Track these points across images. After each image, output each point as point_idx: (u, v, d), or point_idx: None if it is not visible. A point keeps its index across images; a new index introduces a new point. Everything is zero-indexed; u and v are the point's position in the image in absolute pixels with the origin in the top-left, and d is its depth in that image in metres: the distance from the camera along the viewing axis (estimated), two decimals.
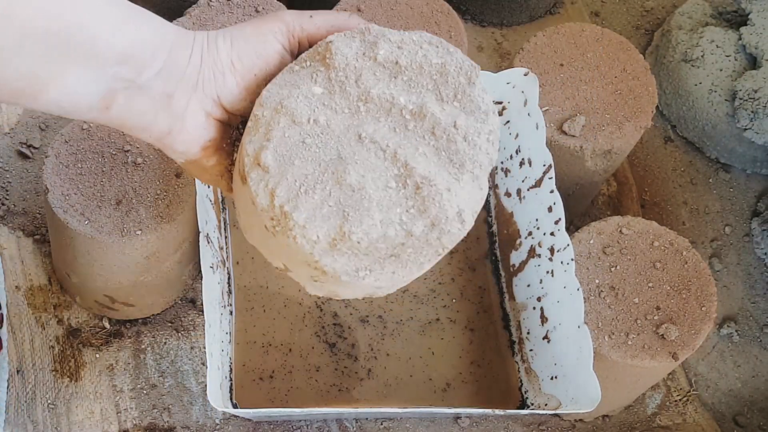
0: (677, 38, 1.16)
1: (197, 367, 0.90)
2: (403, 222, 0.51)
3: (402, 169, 0.52)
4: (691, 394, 0.99)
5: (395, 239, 0.51)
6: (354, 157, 0.52)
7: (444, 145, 0.52)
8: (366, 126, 0.52)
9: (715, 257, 1.09)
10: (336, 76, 0.53)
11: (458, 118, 0.53)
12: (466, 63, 0.54)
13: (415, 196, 0.51)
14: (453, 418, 0.91)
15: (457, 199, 0.52)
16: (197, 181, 0.79)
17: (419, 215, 0.51)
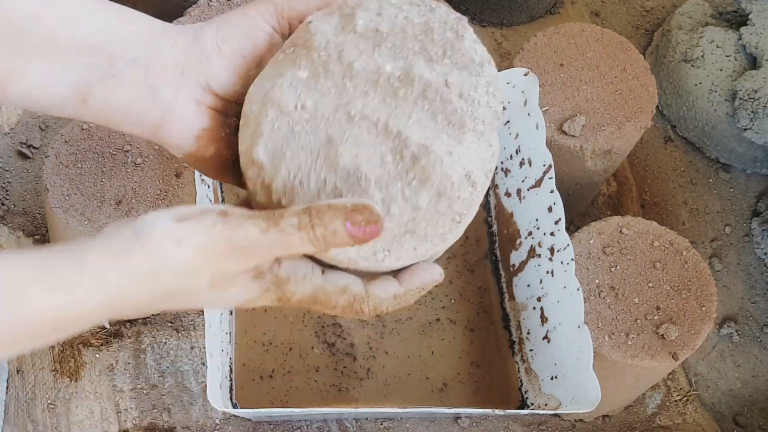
0: (677, 38, 1.16)
1: (197, 367, 0.90)
2: (406, 197, 0.48)
3: (396, 140, 0.48)
4: (691, 394, 0.99)
5: (402, 216, 0.48)
6: (344, 137, 0.49)
7: (439, 107, 0.49)
8: (355, 102, 0.49)
9: (715, 257, 1.09)
10: (318, 56, 0.50)
11: (450, 76, 0.49)
12: (451, 17, 0.51)
13: (414, 167, 0.48)
14: (453, 418, 0.91)
15: (461, 162, 0.49)
16: (197, 181, 0.79)
17: (422, 186, 0.48)
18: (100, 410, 0.87)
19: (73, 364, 0.88)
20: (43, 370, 0.88)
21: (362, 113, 0.49)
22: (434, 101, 0.49)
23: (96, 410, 0.87)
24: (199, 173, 0.79)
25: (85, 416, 0.86)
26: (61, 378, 0.87)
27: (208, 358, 0.72)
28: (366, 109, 0.49)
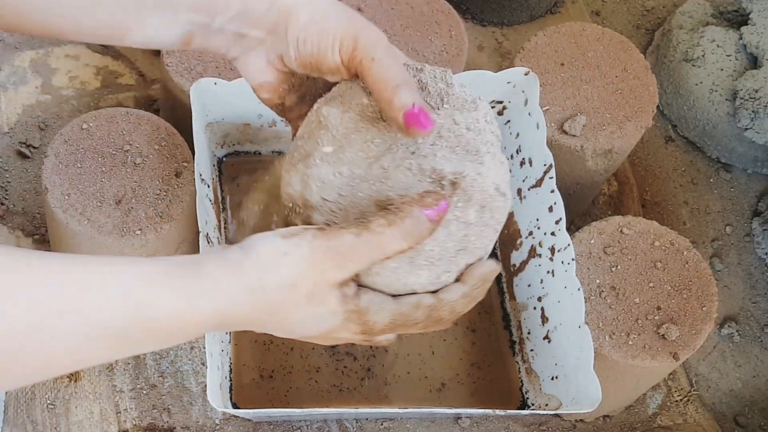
0: (678, 38, 1.16)
1: (197, 367, 0.90)
2: (457, 216, 0.56)
3: (433, 175, 0.56)
4: (691, 394, 0.99)
5: (458, 233, 0.56)
6: (388, 184, 0.56)
7: (455, 142, 0.57)
8: (384, 158, 0.56)
9: (716, 257, 1.09)
10: (337, 131, 0.58)
11: (454, 116, 0.58)
12: (437, 71, 0.59)
13: (456, 192, 0.56)
14: (453, 419, 0.91)
15: (489, 178, 0.57)
16: (197, 181, 0.79)
17: (467, 204, 0.56)
18: (99, 410, 0.86)
19: None
20: None
21: (395, 163, 0.56)
22: (450, 138, 0.57)
23: (95, 410, 0.86)
24: (199, 173, 0.79)
25: (84, 416, 0.86)
26: (60, 378, 0.87)
27: (208, 358, 0.72)
28: (396, 160, 0.56)
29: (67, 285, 0.47)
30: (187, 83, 0.87)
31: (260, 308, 0.53)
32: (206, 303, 0.51)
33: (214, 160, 0.94)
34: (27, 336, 0.46)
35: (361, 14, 0.95)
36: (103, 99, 1.06)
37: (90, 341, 0.48)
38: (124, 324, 0.48)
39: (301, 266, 0.53)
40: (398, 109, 0.55)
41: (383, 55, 0.57)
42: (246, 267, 0.52)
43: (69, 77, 1.07)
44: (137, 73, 1.09)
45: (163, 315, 0.49)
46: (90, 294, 0.47)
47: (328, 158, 0.58)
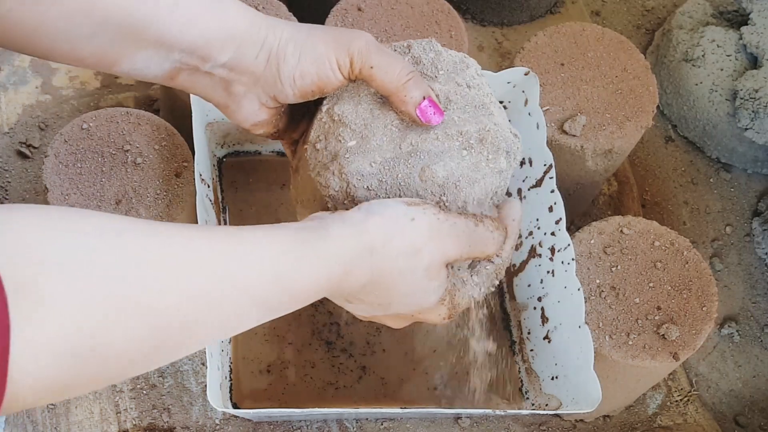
0: (678, 38, 1.16)
1: (197, 367, 0.90)
2: (492, 168, 0.61)
3: (460, 137, 0.60)
4: (691, 394, 0.99)
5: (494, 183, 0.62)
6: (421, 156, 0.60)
7: (464, 102, 0.62)
8: (408, 137, 0.60)
9: (716, 257, 1.09)
10: (356, 125, 0.61)
11: (455, 79, 0.63)
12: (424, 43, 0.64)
13: (485, 145, 0.61)
14: (453, 418, 0.91)
15: (504, 126, 0.63)
16: (197, 181, 0.79)
17: (497, 154, 0.62)
18: (99, 410, 0.86)
19: None
20: None
21: (421, 138, 0.60)
22: (458, 100, 0.62)
23: (95, 410, 0.86)
24: (199, 173, 0.79)
25: (84, 416, 0.86)
26: None
27: (208, 358, 0.72)
28: (421, 134, 0.60)
29: (218, 255, 0.48)
30: None
31: (379, 272, 0.54)
32: (334, 265, 0.52)
33: (214, 160, 0.94)
34: (202, 305, 0.47)
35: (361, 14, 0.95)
36: (103, 99, 1.06)
37: (241, 308, 0.49)
38: (270, 290, 0.50)
39: (426, 234, 0.55)
40: (411, 105, 0.59)
41: (378, 58, 0.60)
42: (370, 229, 0.54)
43: (69, 77, 1.07)
44: None
45: (302, 279, 0.51)
46: (236, 263, 0.49)
47: (356, 151, 0.60)
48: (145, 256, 0.45)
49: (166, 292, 0.45)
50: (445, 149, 0.60)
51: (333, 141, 0.61)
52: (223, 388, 0.80)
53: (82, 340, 0.41)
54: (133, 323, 0.43)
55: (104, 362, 0.42)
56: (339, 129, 0.61)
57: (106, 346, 0.42)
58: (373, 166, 0.60)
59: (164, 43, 0.59)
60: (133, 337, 0.43)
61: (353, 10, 0.95)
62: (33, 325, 0.38)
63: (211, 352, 0.73)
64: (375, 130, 0.61)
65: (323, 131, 0.63)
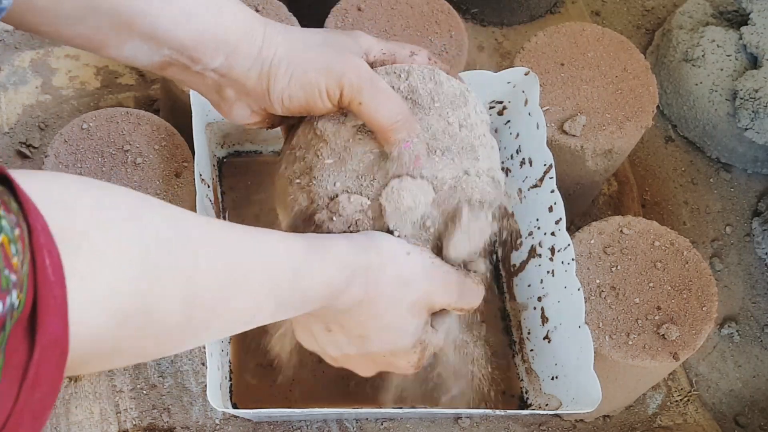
0: (678, 38, 1.16)
1: (197, 367, 0.90)
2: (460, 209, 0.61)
3: (434, 182, 0.60)
4: (691, 394, 0.99)
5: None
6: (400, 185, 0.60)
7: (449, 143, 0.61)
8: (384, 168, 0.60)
9: (716, 257, 1.09)
10: (336, 145, 0.61)
11: (448, 118, 0.61)
12: (425, 71, 0.62)
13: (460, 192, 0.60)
14: (453, 419, 0.91)
15: (485, 174, 0.62)
16: (197, 181, 0.79)
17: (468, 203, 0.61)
18: (99, 410, 0.86)
19: None
20: None
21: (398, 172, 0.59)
22: (445, 140, 0.61)
23: (95, 410, 0.86)
24: (199, 173, 0.79)
25: (84, 417, 0.86)
26: None
27: (208, 358, 0.72)
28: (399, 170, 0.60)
29: (250, 245, 0.50)
30: None
31: (371, 293, 0.56)
32: (339, 273, 0.55)
33: (214, 160, 0.94)
34: (231, 288, 0.48)
35: (361, 14, 0.95)
36: (103, 99, 1.06)
37: (260, 299, 0.51)
38: (286, 287, 0.52)
39: (419, 272, 0.57)
40: (394, 145, 0.59)
41: (369, 96, 0.59)
42: (370, 251, 0.56)
43: (69, 77, 1.07)
44: (137, 73, 1.09)
45: (314, 281, 0.53)
46: (264, 255, 0.51)
47: (330, 170, 0.60)
48: (190, 231, 0.46)
49: (205, 269, 0.46)
50: (415, 187, 0.60)
51: (311, 154, 0.61)
52: (223, 388, 0.80)
53: (133, 299, 0.41)
54: (175, 292, 0.44)
55: (148, 327, 0.43)
56: (319, 144, 0.61)
57: (151, 311, 0.43)
58: (338, 186, 0.60)
59: (153, 38, 0.57)
60: (173, 306, 0.44)
61: (353, 10, 0.95)
62: (88, 279, 0.39)
63: (211, 352, 0.73)
64: (353, 155, 0.60)
65: (305, 141, 0.62)
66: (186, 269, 0.45)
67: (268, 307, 0.52)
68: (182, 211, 0.47)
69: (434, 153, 0.60)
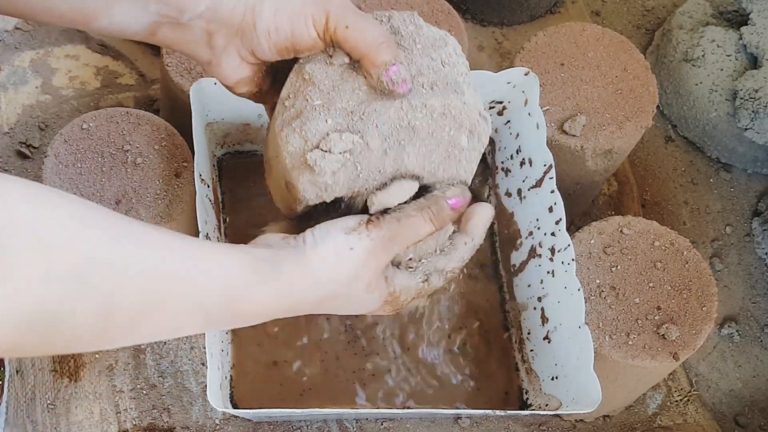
0: (678, 38, 1.16)
1: (197, 367, 0.90)
2: (452, 136, 0.62)
3: (424, 109, 0.60)
4: (691, 394, 0.99)
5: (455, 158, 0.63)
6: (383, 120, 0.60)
7: (435, 77, 0.62)
8: (374, 103, 0.60)
9: (716, 257, 1.09)
10: (324, 86, 0.61)
11: (430, 54, 0.63)
12: (405, 15, 0.64)
13: (447, 120, 0.61)
14: (453, 419, 0.91)
15: (473, 106, 0.63)
16: (197, 181, 0.79)
17: (459, 131, 0.62)
18: (99, 410, 0.86)
19: (73, 364, 0.88)
20: (43, 370, 0.88)
21: (386, 106, 0.60)
22: (430, 75, 0.62)
23: (95, 410, 0.86)
24: (199, 173, 0.79)
25: (84, 417, 0.86)
26: (60, 378, 0.87)
27: (208, 358, 0.72)
28: (387, 103, 0.60)
29: (178, 261, 0.51)
30: (187, 83, 0.87)
31: (326, 298, 0.60)
32: (284, 299, 0.57)
33: (214, 160, 0.94)
34: (153, 303, 0.50)
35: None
36: (103, 99, 1.06)
37: (189, 315, 0.53)
38: (216, 303, 0.53)
39: (363, 258, 0.59)
40: (381, 68, 0.60)
41: (356, 20, 0.60)
42: (315, 265, 0.58)
43: (69, 77, 1.07)
44: (137, 73, 1.09)
45: (252, 305, 0.56)
46: (193, 271, 0.52)
47: (320, 110, 0.61)
48: (120, 250, 0.47)
49: (124, 284, 0.47)
50: (404, 118, 0.61)
51: (300, 99, 0.62)
52: (223, 388, 0.80)
53: (41, 314, 0.44)
54: (88, 306, 0.46)
55: (55, 335, 0.46)
56: (308, 88, 0.62)
57: (60, 322, 0.45)
58: (329, 123, 0.60)
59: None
60: (86, 319, 0.46)
61: None
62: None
63: (211, 352, 0.73)
64: (342, 93, 0.61)
65: (293, 89, 0.63)
66: (107, 288, 0.46)
67: (197, 321, 0.53)
68: (122, 225, 0.49)
69: (422, 87, 0.61)
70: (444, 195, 0.62)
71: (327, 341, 0.91)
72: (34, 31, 1.10)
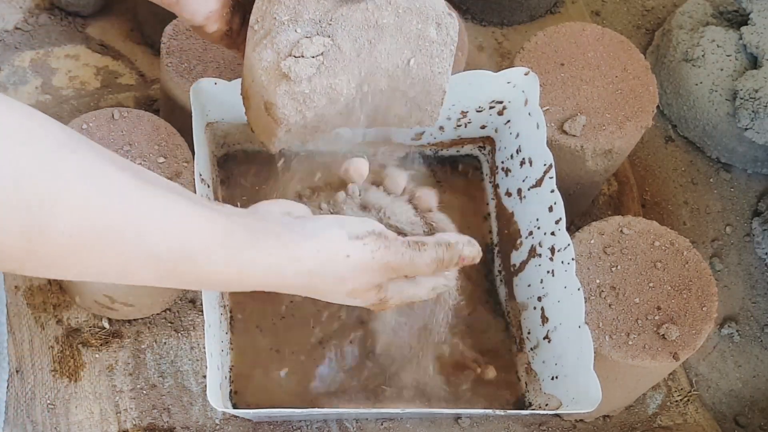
0: (678, 38, 1.16)
1: (197, 367, 0.90)
2: (419, 29, 0.63)
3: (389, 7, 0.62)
4: (691, 394, 0.99)
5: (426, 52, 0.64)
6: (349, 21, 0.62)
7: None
8: (341, 9, 0.61)
9: (716, 257, 1.09)
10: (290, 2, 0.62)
11: None
12: None
13: (413, 12, 0.62)
14: (453, 418, 0.91)
15: (436, 2, 0.65)
16: (197, 181, 0.79)
17: (426, 23, 0.63)
18: (99, 410, 0.86)
19: (73, 364, 0.88)
20: (43, 370, 0.88)
21: (352, 8, 0.61)
22: None
23: (95, 410, 0.86)
24: (199, 173, 0.79)
25: (84, 417, 0.86)
26: (60, 378, 0.87)
27: (208, 358, 0.72)
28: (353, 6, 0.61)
29: (139, 205, 0.50)
30: (187, 83, 0.87)
31: (303, 287, 0.59)
32: (254, 274, 0.56)
33: (214, 160, 0.94)
34: (92, 238, 0.48)
35: None
36: (103, 99, 1.06)
37: (140, 261, 0.51)
38: (175, 261, 0.52)
39: (356, 269, 0.58)
40: None
41: None
42: (305, 254, 0.57)
43: (69, 77, 1.07)
44: (137, 73, 1.09)
45: (213, 270, 0.54)
46: (153, 222, 0.50)
47: (288, 24, 0.62)
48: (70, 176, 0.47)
49: (55, 206, 0.46)
50: (371, 18, 0.62)
51: (269, 19, 0.63)
52: (223, 388, 0.80)
53: None
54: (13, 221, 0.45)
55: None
56: (274, 7, 0.63)
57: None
58: (299, 32, 0.61)
59: None
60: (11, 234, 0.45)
61: None
62: None
63: (211, 352, 0.73)
64: (308, 5, 0.62)
65: (260, 13, 0.64)
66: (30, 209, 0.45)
67: (146, 272, 0.52)
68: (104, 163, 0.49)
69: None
70: (461, 250, 0.63)
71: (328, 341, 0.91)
72: (34, 31, 1.10)
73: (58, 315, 0.90)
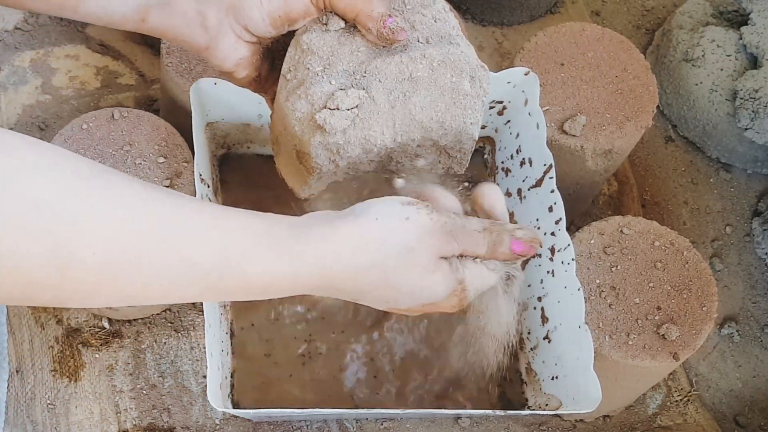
0: (678, 38, 1.16)
1: (197, 367, 0.90)
2: (454, 82, 0.63)
3: (423, 60, 0.61)
4: (691, 394, 0.99)
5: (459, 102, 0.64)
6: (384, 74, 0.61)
7: (428, 32, 0.63)
8: (374, 61, 0.61)
9: (716, 257, 1.09)
10: (323, 52, 0.62)
11: (421, 11, 0.63)
12: None
13: (447, 67, 0.62)
14: (453, 419, 0.91)
15: (469, 54, 0.64)
16: (197, 181, 0.79)
17: (461, 77, 0.62)
18: (99, 410, 0.86)
19: (73, 364, 0.88)
20: (43, 370, 0.88)
21: (386, 62, 0.61)
22: (423, 30, 0.63)
23: (95, 410, 0.86)
24: (199, 173, 0.79)
25: (84, 417, 0.86)
26: (60, 378, 0.87)
27: (208, 358, 0.72)
28: (386, 57, 0.61)
29: (173, 223, 0.49)
30: (187, 83, 0.87)
31: (370, 268, 0.54)
32: (310, 262, 0.52)
33: (214, 160, 0.94)
34: (126, 262, 0.47)
35: None
36: (103, 99, 1.06)
37: (183, 279, 0.50)
38: (219, 271, 0.50)
39: (419, 232, 0.55)
40: (378, 20, 0.60)
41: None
42: (361, 223, 0.54)
43: (69, 77, 1.07)
44: (137, 73, 1.09)
45: (258, 271, 0.51)
46: (193, 236, 0.49)
47: (322, 75, 0.61)
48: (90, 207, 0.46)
49: (92, 245, 0.45)
50: (406, 71, 0.61)
51: (302, 69, 0.62)
52: (223, 388, 0.80)
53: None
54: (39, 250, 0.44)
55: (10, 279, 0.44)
56: (307, 57, 0.62)
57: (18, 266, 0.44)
58: (333, 84, 0.61)
59: None
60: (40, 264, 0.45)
61: None
62: None
63: (211, 352, 0.73)
64: (341, 56, 0.62)
65: (293, 62, 0.63)
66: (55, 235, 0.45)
67: (192, 286, 0.51)
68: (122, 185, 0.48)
69: (417, 41, 0.62)
70: (512, 231, 0.58)
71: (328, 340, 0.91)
72: (34, 31, 1.10)
73: (58, 315, 0.90)
